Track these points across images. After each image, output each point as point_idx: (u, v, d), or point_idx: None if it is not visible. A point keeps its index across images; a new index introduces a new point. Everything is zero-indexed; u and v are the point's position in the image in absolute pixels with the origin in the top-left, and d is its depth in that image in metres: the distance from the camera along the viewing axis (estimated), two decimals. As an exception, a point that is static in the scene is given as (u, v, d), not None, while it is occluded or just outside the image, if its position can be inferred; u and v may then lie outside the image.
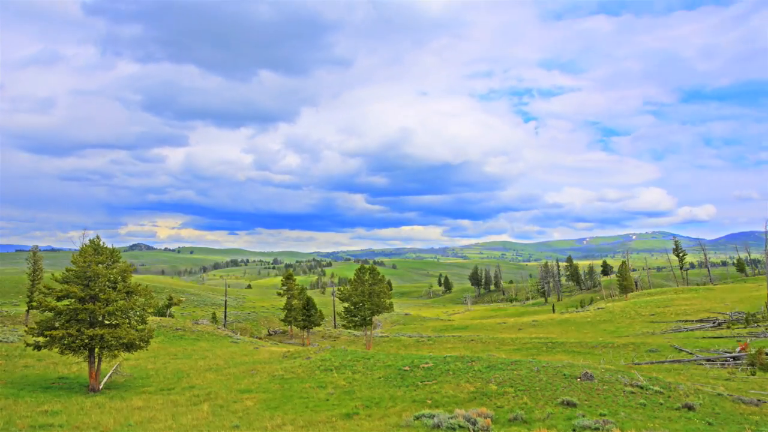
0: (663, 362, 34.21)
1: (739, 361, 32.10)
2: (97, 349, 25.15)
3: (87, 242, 26.98)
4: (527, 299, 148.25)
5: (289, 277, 70.35)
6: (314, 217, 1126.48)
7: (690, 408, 18.32)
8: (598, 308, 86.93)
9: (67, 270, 25.57)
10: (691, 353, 36.86)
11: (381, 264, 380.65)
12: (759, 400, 20.08)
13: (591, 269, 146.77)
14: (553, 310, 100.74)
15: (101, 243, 26.64)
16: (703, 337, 45.74)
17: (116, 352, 25.63)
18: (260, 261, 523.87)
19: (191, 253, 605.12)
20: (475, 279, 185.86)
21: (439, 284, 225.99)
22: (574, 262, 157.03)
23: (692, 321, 60.21)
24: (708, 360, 33.79)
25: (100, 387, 25.42)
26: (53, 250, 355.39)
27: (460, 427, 16.27)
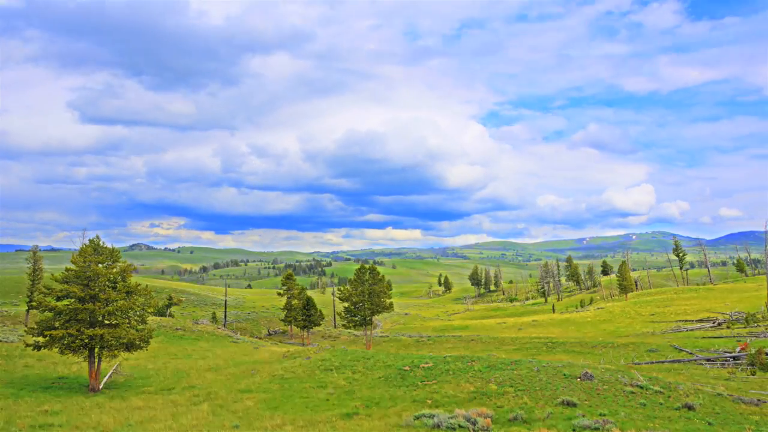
0: (663, 362, 34.21)
1: (739, 361, 32.08)
2: (97, 349, 25.16)
3: (87, 242, 26.97)
4: (527, 299, 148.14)
5: (289, 277, 70.34)
6: (300, 218, 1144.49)
7: (690, 408, 18.32)
8: (598, 308, 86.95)
9: (67, 270, 25.56)
10: (691, 353, 36.85)
11: (381, 264, 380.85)
12: (759, 400, 20.08)
13: (591, 269, 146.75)
14: (553, 310, 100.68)
15: (101, 243, 26.62)
16: (703, 337, 45.72)
17: (116, 351, 25.64)
18: (260, 261, 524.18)
19: (191, 253, 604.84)
20: (475, 279, 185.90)
21: (439, 284, 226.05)
22: (574, 262, 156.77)
23: (692, 321, 60.22)
24: (708, 360, 33.78)
25: (100, 387, 25.43)
26: (53, 250, 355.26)
27: (460, 427, 16.28)
